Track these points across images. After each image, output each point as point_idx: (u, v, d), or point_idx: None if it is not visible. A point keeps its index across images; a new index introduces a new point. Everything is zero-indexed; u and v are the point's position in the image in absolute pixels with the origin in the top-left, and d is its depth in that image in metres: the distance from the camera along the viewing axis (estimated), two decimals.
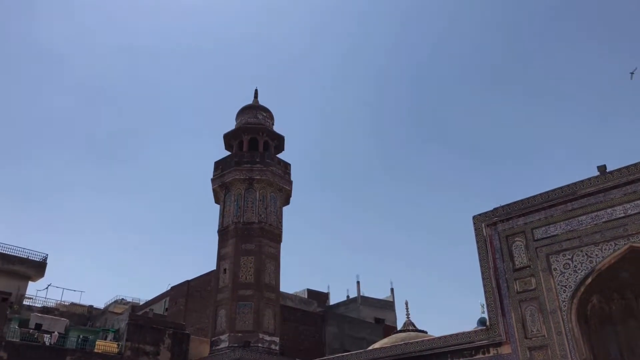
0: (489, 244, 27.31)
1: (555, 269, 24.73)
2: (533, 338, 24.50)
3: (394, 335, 35.60)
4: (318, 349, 39.63)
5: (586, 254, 24.01)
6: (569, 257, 24.51)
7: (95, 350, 29.39)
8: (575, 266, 24.22)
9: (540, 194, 26.45)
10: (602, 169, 24.58)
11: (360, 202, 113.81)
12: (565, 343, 23.46)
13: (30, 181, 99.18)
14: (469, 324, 27.93)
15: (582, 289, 23.85)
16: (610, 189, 24.12)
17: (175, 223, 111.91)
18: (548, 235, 25.52)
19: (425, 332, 33.99)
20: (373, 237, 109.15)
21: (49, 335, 29.14)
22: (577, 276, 24.03)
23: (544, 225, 25.83)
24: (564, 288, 24.29)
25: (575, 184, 25.20)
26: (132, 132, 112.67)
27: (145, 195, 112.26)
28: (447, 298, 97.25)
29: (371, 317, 50.09)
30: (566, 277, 24.35)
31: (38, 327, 29.86)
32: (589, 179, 24.88)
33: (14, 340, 27.35)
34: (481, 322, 26.86)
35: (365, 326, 45.78)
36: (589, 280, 23.71)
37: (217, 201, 39.29)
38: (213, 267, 37.45)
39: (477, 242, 27.80)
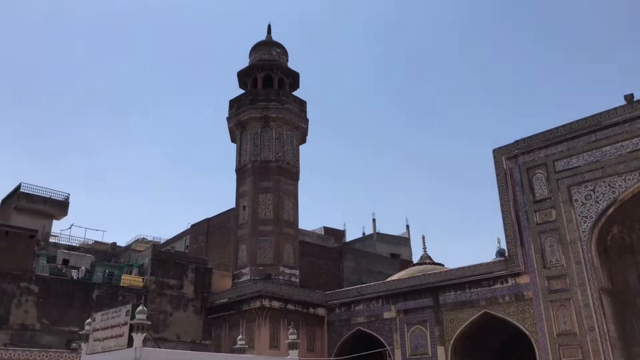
0: (509, 176, 27.23)
1: (576, 200, 24.70)
2: (552, 268, 24.80)
3: (411, 268, 36.27)
4: (336, 282, 40.63)
5: (609, 185, 23.87)
6: (591, 188, 24.40)
7: (121, 284, 30.38)
8: (597, 197, 24.15)
9: (563, 126, 26.04)
10: (629, 98, 24.00)
11: (376, 140, 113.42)
12: (584, 272, 23.74)
13: (50, 126, 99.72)
14: (484, 259, 28.26)
15: (603, 220, 23.89)
16: (636, 118, 23.63)
17: (194, 164, 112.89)
18: (570, 166, 25.33)
19: (442, 265, 34.57)
20: (389, 174, 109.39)
21: (76, 271, 30.06)
22: (598, 207, 24.00)
23: (566, 157, 25.60)
24: (584, 219, 24.33)
25: (600, 114, 24.72)
26: (147, 78, 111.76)
27: (163, 139, 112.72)
28: (462, 234, 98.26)
29: (387, 252, 50.91)
30: (587, 208, 24.34)
31: (65, 262, 30.79)
32: (615, 108, 24.36)
33: (44, 274, 28.31)
34: (500, 253, 27.18)
35: (382, 260, 46.64)
36: (611, 210, 23.70)
37: (233, 140, 39.27)
38: (232, 205, 37.90)
39: (497, 175, 27.72)
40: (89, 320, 16.25)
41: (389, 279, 33.90)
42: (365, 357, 30.58)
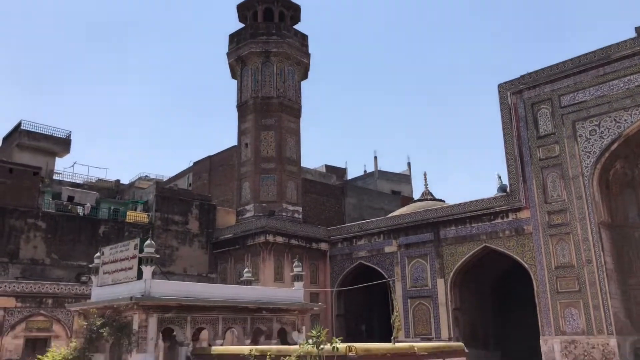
0: (514, 112, 26.99)
1: (580, 136, 24.59)
2: (553, 203, 25.05)
3: (412, 204, 36.68)
4: (338, 218, 41.19)
5: (614, 120, 23.69)
6: (596, 123, 24.24)
7: (127, 220, 30.81)
8: (601, 132, 24.03)
9: (570, 59, 25.53)
10: None
11: (377, 77, 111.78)
12: (585, 207, 23.99)
13: (49, 66, 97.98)
14: (485, 196, 28.40)
15: (606, 155, 23.89)
16: None
17: (194, 101, 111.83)
18: (576, 101, 25.05)
19: (443, 201, 34.93)
20: (391, 112, 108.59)
21: (81, 207, 30.45)
22: (602, 142, 23.93)
23: (572, 92, 25.27)
24: (588, 154, 24.32)
25: (609, 47, 24.17)
26: (146, 13, 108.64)
27: (163, 76, 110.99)
28: (463, 171, 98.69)
29: (388, 190, 51.27)
30: (591, 144, 24.28)
31: (70, 199, 31.12)
32: (625, 41, 23.78)
33: (50, 211, 28.69)
34: (501, 189, 27.36)
35: (383, 197, 47.08)
36: (615, 145, 23.64)
37: (234, 76, 38.67)
38: (234, 142, 37.84)
39: (502, 110, 27.47)
40: (98, 254, 16.60)
41: (390, 215, 34.34)
42: (366, 288, 31.46)
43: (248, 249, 31.53)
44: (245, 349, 13.45)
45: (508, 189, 26.93)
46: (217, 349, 14.27)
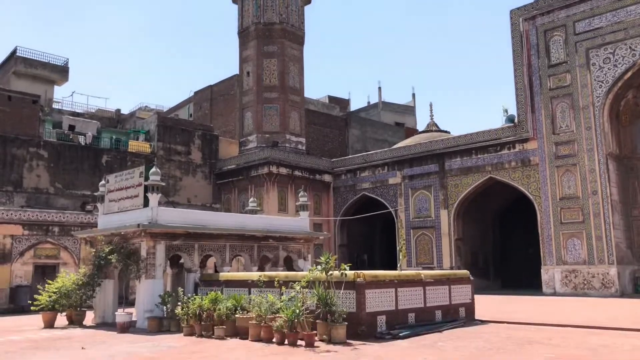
0: (525, 39, 26.09)
1: (593, 64, 23.87)
2: (561, 134, 24.71)
3: (417, 136, 36.30)
4: (341, 150, 40.95)
5: (630, 47, 22.89)
6: (611, 51, 23.46)
7: (129, 150, 30.54)
8: (616, 60, 23.30)
9: None
10: None
11: (383, 2, 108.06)
12: (594, 137, 23.66)
13: None
14: (490, 127, 27.91)
15: (619, 84, 23.27)
16: None
17: (194, 27, 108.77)
18: (591, 28, 24.12)
19: (448, 133, 34.54)
20: (396, 41, 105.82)
21: (83, 137, 30.09)
22: (616, 71, 23.25)
23: (587, 17, 24.29)
24: (600, 83, 23.70)
25: None
26: None
27: (160, 3, 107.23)
28: (469, 103, 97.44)
29: (392, 121, 50.65)
30: (604, 73, 23.60)
31: (71, 128, 30.69)
32: None
33: (52, 140, 28.36)
34: (509, 119, 26.91)
35: (387, 129, 46.61)
36: (629, 74, 22.99)
37: (234, 0, 37.22)
38: (235, 71, 36.99)
39: (513, 37, 26.53)
40: (103, 182, 16.45)
41: (395, 146, 34.06)
42: (368, 220, 31.73)
43: (251, 180, 31.48)
44: (254, 275, 13.56)
45: (516, 120, 26.50)
46: (225, 275, 14.39)
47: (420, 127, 47.01)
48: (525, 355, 8.67)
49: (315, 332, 10.27)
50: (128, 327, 13.09)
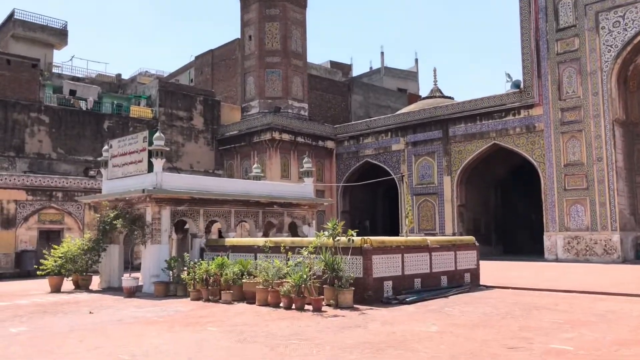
0: (533, 2, 25.50)
1: (603, 28, 23.40)
2: (567, 99, 24.41)
3: (420, 102, 35.93)
4: (344, 116, 40.62)
5: None
6: (621, 14, 22.96)
7: (131, 115, 30.28)
8: (625, 24, 22.82)
9: None
10: None
11: None
12: (600, 103, 23.39)
13: None
14: (494, 94, 27.53)
15: (628, 48, 22.85)
16: None
17: None
18: None
19: (452, 99, 34.16)
20: (399, 4, 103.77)
21: (84, 102, 29.78)
22: (626, 35, 22.80)
23: None
24: (609, 48, 23.28)
25: None
26: None
27: None
28: (473, 69, 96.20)
29: (394, 87, 50.06)
30: (613, 37, 23.16)
31: (72, 93, 30.33)
32: None
33: (52, 105, 28.07)
34: (515, 85, 26.53)
35: (390, 94, 46.12)
36: (639, 38, 22.56)
37: None
38: (237, 35, 36.37)
39: (520, 0, 25.99)
40: (106, 147, 16.32)
41: (399, 112, 33.77)
42: (370, 187, 31.73)
43: (254, 146, 31.31)
44: (260, 240, 13.58)
45: (521, 86, 26.16)
46: (231, 240, 14.43)
47: (423, 93, 46.54)
48: (533, 320, 8.70)
49: (322, 297, 10.32)
50: (134, 292, 13.18)
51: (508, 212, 32.50)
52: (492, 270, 17.13)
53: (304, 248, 11.05)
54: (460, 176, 28.11)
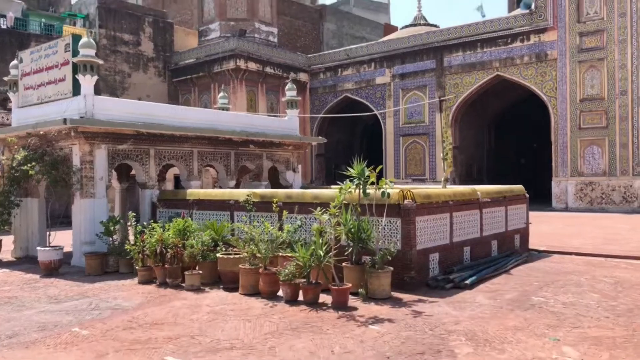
0: None
1: None
2: (587, 22, 20.82)
3: (403, 30, 31.59)
4: (315, 47, 36.02)
5: None
6: None
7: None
8: None
9: None
10: None
11: None
12: (628, 26, 19.90)
13: None
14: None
15: None
16: None
17: None
18: None
19: (438, 27, 30.09)
20: None
21: (2, 18, 24.28)
22: None
23: None
24: None
25: None
26: None
27: None
28: None
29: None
30: None
31: None
32: None
33: None
34: (526, 5, 22.71)
35: (365, 24, 41.48)
36: None
37: None
38: None
39: None
40: (15, 61, 11.75)
41: (385, 39, 29.55)
42: (349, 126, 27.89)
43: (215, 77, 26.67)
44: (239, 192, 9.67)
45: (533, 6, 22.34)
46: (195, 192, 10.37)
47: (397, 25, 42.30)
48: None
49: (348, 285, 6.57)
50: (57, 267, 9.15)
51: (503, 154, 29.39)
52: None
53: (318, 206, 7.21)
54: (455, 114, 24.55)
